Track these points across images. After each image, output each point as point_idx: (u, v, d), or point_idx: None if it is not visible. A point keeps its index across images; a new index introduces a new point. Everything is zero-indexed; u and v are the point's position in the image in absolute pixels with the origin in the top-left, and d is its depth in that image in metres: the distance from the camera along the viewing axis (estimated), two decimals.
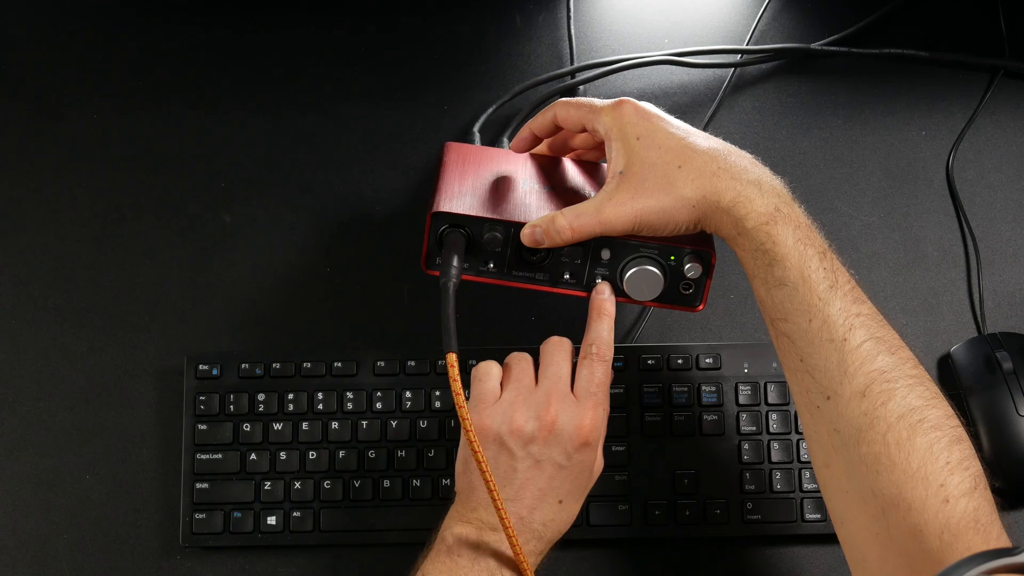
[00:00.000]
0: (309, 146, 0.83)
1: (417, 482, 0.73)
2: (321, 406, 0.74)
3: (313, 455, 0.73)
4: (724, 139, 0.64)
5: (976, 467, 0.55)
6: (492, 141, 0.82)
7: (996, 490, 0.71)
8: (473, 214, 0.64)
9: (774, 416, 0.74)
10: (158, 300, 0.79)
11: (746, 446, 0.74)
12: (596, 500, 0.72)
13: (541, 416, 0.61)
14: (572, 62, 0.85)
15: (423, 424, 0.74)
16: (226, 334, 0.78)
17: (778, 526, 0.73)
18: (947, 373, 0.77)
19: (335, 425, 0.74)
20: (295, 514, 0.73)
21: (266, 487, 0.73)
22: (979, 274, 0.80)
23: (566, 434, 0.61)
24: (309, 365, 0.74)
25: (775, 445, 0.74)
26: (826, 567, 0.74)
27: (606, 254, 0.65)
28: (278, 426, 0.74)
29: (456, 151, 0.73)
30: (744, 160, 0.62)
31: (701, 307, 0.67)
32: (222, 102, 0.84)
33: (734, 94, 0.85)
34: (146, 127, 0.83)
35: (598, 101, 0.66)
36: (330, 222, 0.81)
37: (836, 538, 0.59)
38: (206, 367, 0.74)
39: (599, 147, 0.71)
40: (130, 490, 0.75)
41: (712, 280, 0.66)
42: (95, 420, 0.76)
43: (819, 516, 0.72)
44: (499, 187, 0.68)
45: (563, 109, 0.68)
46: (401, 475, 0.73)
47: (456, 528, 0.61)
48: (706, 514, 0.73)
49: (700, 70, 0.85)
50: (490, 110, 0.82)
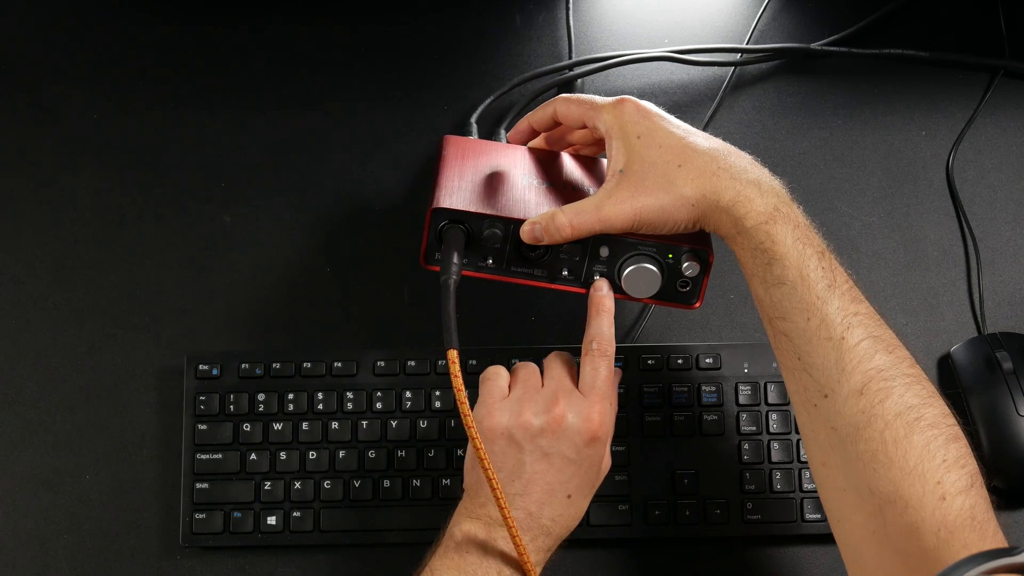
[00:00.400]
0: (309, 146, 0.83)
1: (417, 482, 0.73)
2: (321, 406, 0.74)
3: (313, 455, 0.73)
4: (724, 139, 0.64)
5: (972, 465, 0.55)
6: (489, 132, 0.82)
7: (996, 490, 0.71)
8: (473, 210, 0.64)
9: (774, 416, 0.74)
10: (158, 300, 0.79)
11: (746, 446, 0.74)
12: (596, 500, 0.72)
13: (550, 410, 0.61)
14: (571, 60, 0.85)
15: (423, 424, 0.74)
16: (226, 334, 0.78)
17: (778, 526, 0.73)
18: (947, 373, 0.77)
19: (335, 425, 0.74)
20: (295, 514, 0.73)
21: (266, 487, 0.73)
22: (979, 274, 0.80)
23: (574, 428, 0.61)
24: (309, 365, 0.75)
25: (775, 445, 0.74)
26: (826, 567, 0.74)
27: (604, 251, 0.65)
28: (278, 426, 0.74)
29: (455, 145, 0.72)
30: (743, 160, 0.62)
31: (698, 304, 0.67)
32: (222, 102, 0.84)
33: (734, 93, 0.85)
34: (146, 127, 0.83)
35: (599, 99, 0.66)
36: (330, 222, 0.81)
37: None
38: (206, 367, 0.74)
39: (597, 143, 0.71)
40: (130, 490, 0.75)
41: (710, 279, 0.66)
42: (95, 420, 0.76)
43: (819, 516, 0.72)
44: (499, 183, 0.68)
45: (564, 105, 0.68)
46: (401, 475, 0.73)
47: (465, 524, 0.61)
48: (706, 514, 0.73)
49: (700, 69, 0.85)
50: (487, 101, 0.82)
